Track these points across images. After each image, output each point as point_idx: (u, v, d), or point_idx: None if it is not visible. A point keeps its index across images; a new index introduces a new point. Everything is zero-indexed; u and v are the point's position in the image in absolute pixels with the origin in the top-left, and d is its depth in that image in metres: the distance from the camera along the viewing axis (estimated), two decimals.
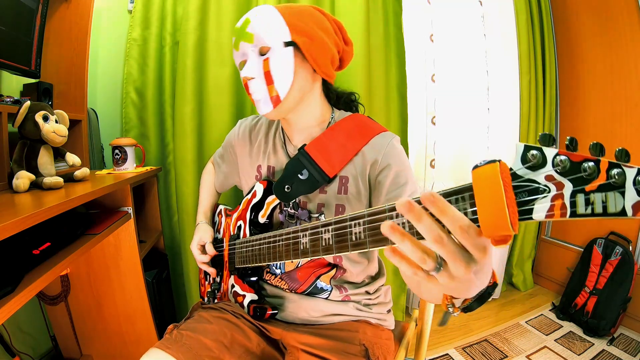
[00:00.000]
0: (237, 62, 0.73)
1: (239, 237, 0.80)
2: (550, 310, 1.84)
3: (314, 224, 0.51)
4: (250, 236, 0.75)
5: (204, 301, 0.88)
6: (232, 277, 0.82)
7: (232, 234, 0.84)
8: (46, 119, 0.85)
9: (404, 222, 0.36)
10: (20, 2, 0.98)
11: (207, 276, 0.96)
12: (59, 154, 0.93)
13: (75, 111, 1.22)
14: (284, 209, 0.77)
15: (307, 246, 0.52)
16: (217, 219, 0.96)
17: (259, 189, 0.77)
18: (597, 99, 1.85)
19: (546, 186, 0.28)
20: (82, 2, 1.24)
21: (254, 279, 0.79)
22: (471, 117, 1.80)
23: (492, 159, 0.29)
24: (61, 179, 0.88)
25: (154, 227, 1.45)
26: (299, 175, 0.70)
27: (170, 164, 1.51)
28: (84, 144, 1.26)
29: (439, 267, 0.32)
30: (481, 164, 0.30)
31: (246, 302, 0.77)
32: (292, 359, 0.68)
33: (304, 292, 0.77)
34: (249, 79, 0.69)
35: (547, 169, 0.28)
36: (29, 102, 0.83)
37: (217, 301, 0.87)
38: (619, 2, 1.69)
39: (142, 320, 1.19)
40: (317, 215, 0.73)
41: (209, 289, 0.88)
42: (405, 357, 0.83)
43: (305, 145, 0.72)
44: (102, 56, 1.50)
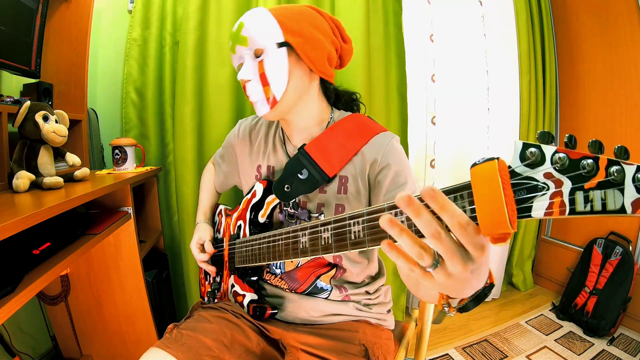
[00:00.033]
0: (235, 65, 0.73)
1: (239, 237, 0.80)
2: (550, 310, 1.84)
3: (314, 223, 0.51)
4: (250, 236, 0.75)
5: (204, 301, 0.88)
6: (232, 276, 0.82)
7: (232, 233, 0.84)
8: (46, 119, 0.85)
9: (403, 221, 0.36)
10: (20, 2, 0.99)
11: (207, 276, 0.96)
12: (59, 154, 0.93)
13: (75, 111, 1.22)
14: (284, 208, 0.77)
15: (307, 245, 0.52)
16: (217, 218, 0.96)
17: (259, 189, 0.77)
18: (597, 99, 1.85)
19: (545, 184, 0.28)
20: (82, 2, 1.24)
21: (254, 278, 0.79)
22: (471, 117, 1.80)
23: (490, 157, 0.29)
24: (61, 179, 0.88)
25: (154, 227, 1.45)
26: (299, 174, 0.70)
27: (170, 164, 1.51)
28: (84, 144, 1.26)
29: (436, 263, 0.32)
30: (480, 161, 0.30)
31: (246, 302, 0.77)
32: (292, 358, 0.68)
33: (304, 292, 0.77)
34: (246, 82, 0.69)
35: (546, 167, 0.28)
36: (29, 102, 0.83)
37: (217, 301, 0.86)
38: (619, 2, 1.69)
39: (142, 320, 1.19)
40: (316, 215, 0.73)
41: (209, 289, 0.88)
42: (405, 357, 0.83)
43: (305, 144, 0.73)
44: (102, 56, 1.50)
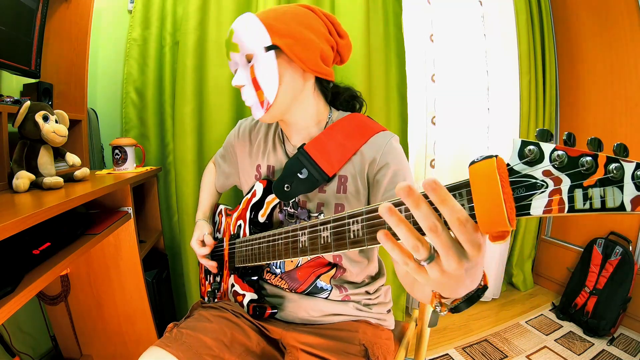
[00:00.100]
0: (232, 70, 0.74)
1: (239, 237, 0.80)
2: (550, 310, 1.84)
3: (313, 222, 0.51)
4: (250, 235, 0.75)
5: (204, 300, 0.88)
6: (232, 276, 0.82)
7: (232, 233, 0.84)
8: (46, 119, 0.85)
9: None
10: (20, 2, 0.99)
11: (207, 276, 0.96)
12: (59, 154, 0.93)
13: (75, 111, 1.22)
14: (284, 208, 0.77)
15: (306, 244, 0.52)
16: (217, 218, 0.96)
17: (259, 188, 0.77)
18: (597, 99, 1.85)
19: (544, 181, 0.28)
20: (82, 2, 1.24)
21: (254, 278, 0.79)
22: (471, 117, 1.80)
23: (489, 155, 0.29)
24: (61, 179, 0.88)
25: (154, 227, 1.45)
26: (299, 174, 0.70)
27: (170, 164, 1.51)
28: (84, 144, 1.26)
29: (431, 258, 0.32)
30: (478, 159, 0.30)
31: (246, 302, 0.77)
32: (292, 358, 0.68)
33: (303, 292, 0.77)
34: (241, 87, 0.70)
35: (545, 164, 0.28)
36: (29, 102, 0.83)
37: (217, 300, 0.86)
38: (619, 2, 1.69)
39: (142, 320, 1.19)
40: (316, 214, 0.73)
41: (209, 289, 0.88)
42: (405, 357, 0.83)
43: (304, 144, 0.72)
44: (102, 56, 1.50)
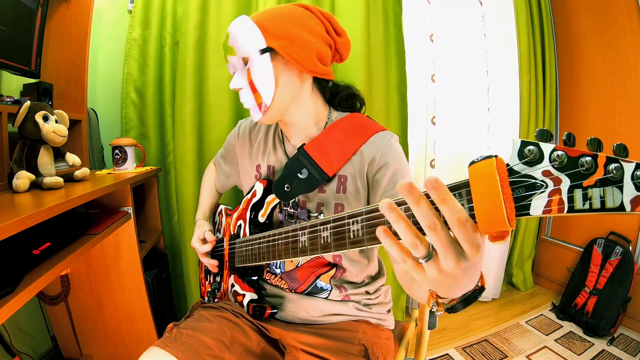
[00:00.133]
0: (231, 73, 0.74)
1: (239, 237, 0.80)
2: (550, 310, 1.84)
3: (313, 222, 0.51)
4: (250, 235, 0.75)
5: (204, 300, 0.88)
6: (232, 276, 0.82)
7: (232, 233, 0.84)
8: (46, 119, 0.85)
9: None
10: (20, 2, 0.99)
11: (207, 276, 0.96)
12: (59, 154, 0.94)
13: (75, 111, 1.22)
14: (284, 208, 0.77)
15: (306, 244, 0.52)
16: (217, 218, 0.96)
17: (259, 189, 0.77)
18: (597, 99, 1.85)
19: (543, 181, 0.28)
20: (82, 2, 1.25)
21: (254, 278, 0.79)
22: (471, 117, 1.80)
23: (488, 155, 0.29)
24: (61, 179, 0.88)
25: (154, 227, 1.45)
26: (299, 174, 0.70)
27: (170, 164, 1.51)
28: (84, 144, 1.26)
29: (429, 256, 0.32)
30: (478, 159, 0.30)
31: (246, 302, 0.77)
32: (292, 358, 0.68)
33: (303, 292, 0.77)
34: (238, 89, 0.70)
35: (544, 164, 0.28)
36: (29, 102, 0.83)
37: (217, 300, 0.86)
38: (619, 2, 1.69)
39: (142, 320, 1.19)
40: (316, 214, 0.73)
41: (209, 289, 0.88)
42: (405, 357, 0.83)
43: (304, 144, 0.72)
44: (102, 56, 1.50)
